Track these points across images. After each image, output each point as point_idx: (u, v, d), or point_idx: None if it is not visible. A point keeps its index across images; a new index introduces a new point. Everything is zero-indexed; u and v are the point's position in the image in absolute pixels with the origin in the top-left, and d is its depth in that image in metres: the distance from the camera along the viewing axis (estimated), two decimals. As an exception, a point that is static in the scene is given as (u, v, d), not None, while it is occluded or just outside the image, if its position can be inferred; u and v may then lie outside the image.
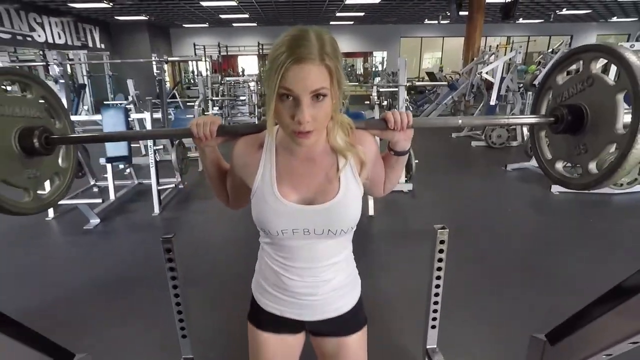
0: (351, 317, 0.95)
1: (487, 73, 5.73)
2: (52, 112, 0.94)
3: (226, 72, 13.65)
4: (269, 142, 0.83)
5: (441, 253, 1.37)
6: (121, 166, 4.06)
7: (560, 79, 0.85)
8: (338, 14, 13.21)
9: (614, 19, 15.65)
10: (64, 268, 2.65)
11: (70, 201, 3.18)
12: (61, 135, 0.91)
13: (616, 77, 0.76)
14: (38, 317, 2.03)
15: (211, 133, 0.81)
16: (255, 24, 15.49)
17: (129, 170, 4.23)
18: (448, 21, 15.33)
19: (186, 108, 6.95)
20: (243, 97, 9.32)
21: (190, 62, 17.86)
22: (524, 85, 5.04)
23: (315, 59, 0.67)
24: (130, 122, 3.97)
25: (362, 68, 18.84)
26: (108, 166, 3.58)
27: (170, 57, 3.78)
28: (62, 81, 3.61)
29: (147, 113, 3.53)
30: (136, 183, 4.16)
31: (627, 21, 16.01)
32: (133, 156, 3.86)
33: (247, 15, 13.08)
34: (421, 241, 2.82)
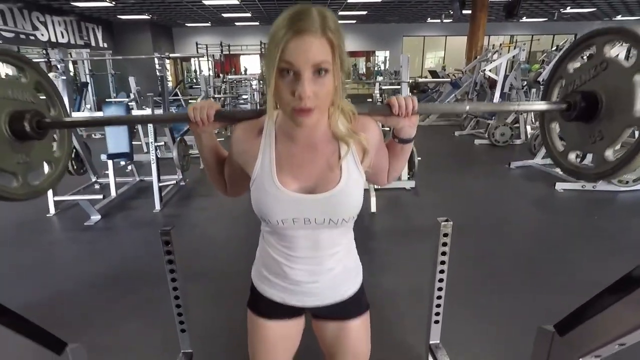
0: (353, 302, 0.94)
1: (491, 71, 5.68)
2: (47, 98, 0.91)
3: (229, 72, 13.65)
4: (269, 128, 0.81)
5: (445, 246, 1.35)
6: (122, 163, 4.06)
7: (571, 67, 0.82)
8: (340, 13, 13.18)
9: (619, 17, 15.53)
10: (65, 264, 2.64)
11: (71, 197, 3.17)
12: (55, 119, 0.89)
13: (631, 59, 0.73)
14: (38, 313, 2.00)
15: (208, 117, 0.78)
16: (257, 23, 15.48)
17: (131, 167, 4.23)
18: (451, 20, 15.28)
19: (188, 106, 6.93)
20: (245, 96, 9.33)
21: (192, 62, 17.89)
22: (528, 82, 4.99)
23: (317, 32, 0.65)
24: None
25: (365, 67, 18.83)
26: (109, 163, 3.56)
27: (172, 54, 3.75)
28: (64, 77, 3.60)
29: (149, 109, 3.51)
30: (137, 180, 4.15)
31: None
32: (135, 153, 3.85)
33: (249, 14, 13.09)
34: (423, 238, 2.81)
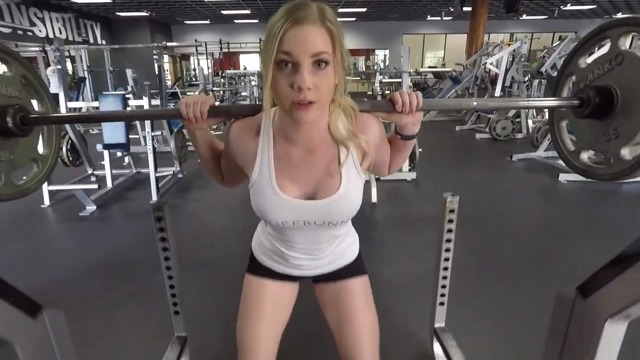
0: (351, 266, 0.99)
1: (492, 64, 5.63)
2: (34, 93, 0.85)
3: (228, 70, 13.59)
4: (266, 127, 0.78)
5: (451, 223, 1.29)
6: (119, 154, 3.99)
7: (582, 62, 0.78)
8: (340, 10, 13.13)
9: (619, 15, 15.51)
10: (59, 253, 2.57)
11: (66, 187, 3.11)
12: (41, 114, 0.84)
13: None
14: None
15: (202, 114, 0.75)
16: (256, 21, 15.44)
17: (127, 158, 4.17)
18: (451, 17, 15.24)
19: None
20: (244, 93, 9.27)
21: (191, 61, 17.84)
22: (531, 72, 4.93)
23: (316, 21, 0.63)
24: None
25: (365, 66, 18.78)
26: (105, 153, 3.51)
27: (169, 43, 3.69)
28: (59, 67, 3.53)
29: (145, 99, 3.44)
30: (134, 172, 4.08)
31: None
32: (132, 146, 3.79)
33: (249, 11, 13.04)
34: (425, 229, 2.77)
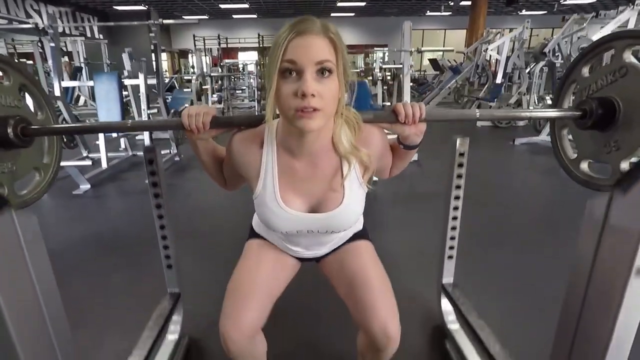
0: (355, 235, 1.00)
1: (493, 50, 5.56)
2: (34, 102, 0.83)
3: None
4: (270, 139, 0.78)
5: (461, 167, 1.22)
6: (114, 135, 3.91)
7: (586, 71, 0.76)
8: (339, 4, 13.08)
9: (620, 9, 15.48)
10: (51, 227, 2.49)
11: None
12: (42, 126, 0.80)
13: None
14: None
15: (204, 125, 0.74)
16: (255, 15, 15.36)
17: (123, 141, 4.09)
18: (450, 13, 15.21)
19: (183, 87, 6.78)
20: (243, 87, 9.23)
21: (190, 57, 17.75)
22: (534, 53, 4.85)
23: (319, 32, 0.65)
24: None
25: (364, 63, 18.72)
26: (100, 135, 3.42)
27: (166, 21, 3.61)
28: (53, 45, 3.46)
29: (141, 76, 3.36)
30: (130, 155, 4.00)
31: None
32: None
33: (247, 5, 12.96)
34: (426, 204, 2.71)
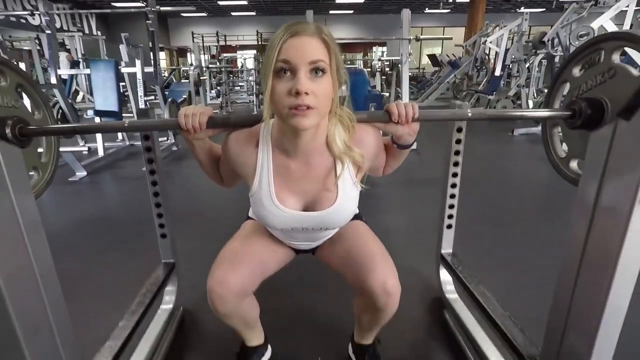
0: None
1: (492, 42, 5.54)
2: (31, 102, 0.84)
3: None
4: (265, 138, 0.79)
5: (460, 132, 1.20)
6: (111, 124, 3.88)
7: (577, 71, 0.77)
8: (338, 1, 13.07)
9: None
10: (44, 209, 2.46)
11: (62, 147, 2.99)
12: (40, 126, 0.80)
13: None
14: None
15: (200, 125, 0.74)
16: (253, 13, 15.33)
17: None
18: (449, 10, 15.22)
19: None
20: (241, 83, 9.22)
21: (188, 56, 17.70)
22: (533, 43, 4.83)
23: (313, 34, 0.67)
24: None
25: (362, 62, 18.70)
26: (96, 120, 3.40)
27: (163, 8, 3.57)
28: (49, 32, 3.43)
29: (138, 63, 3.33)
30: (127, 144, 3.98)
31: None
32: (125, 119, 3.69)
33: (246, 2, 12.94)
34: (424, 188, 2.70)
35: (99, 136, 3.51)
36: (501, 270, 1.62)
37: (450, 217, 1.29)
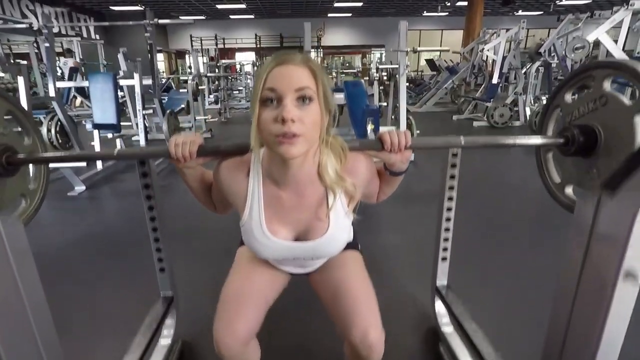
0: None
1: (490, 50, 5.57)
2: (20, 129, 0.83)
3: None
4: (256, 168, 0.80)
5: (454, 168, 1.22)
6: (110, 135, 3.89)
7: (569, 97, 0.77)
8: (336, 4, 13.07)
9: (614, 9, 15.56)
10: (45, 227, 2.47)
11: (53, 164, 3.00)
12: (29, 153, 0.79)
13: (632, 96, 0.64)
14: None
15: (191, 154, 0.75)
16: (252, 16, 15.33)
17: (119, 141, 4.07)
18: (447, 13, 15.24)
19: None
20: (240, 87, 9.22)
21: (187, 59, 17.71)
22: (529, 53, 4.87)
23: (299, 62, 0.68)
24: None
25: (361, 64, 18.74)
26: (95, 133, 3.41)
27: (161, 20, 3.59)
28: (47, 45, 3.44)
29: (136, 76, 3.35)
30: (126, 156, 3.98)
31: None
32: (123, 131, 3.70)
33: (244, 5, 12.94)
34: (422, 204, 2.70)
35: (97, 148, 3.52)
36: (497, 293, 1.64)
37: (445, 250, 1.31)
